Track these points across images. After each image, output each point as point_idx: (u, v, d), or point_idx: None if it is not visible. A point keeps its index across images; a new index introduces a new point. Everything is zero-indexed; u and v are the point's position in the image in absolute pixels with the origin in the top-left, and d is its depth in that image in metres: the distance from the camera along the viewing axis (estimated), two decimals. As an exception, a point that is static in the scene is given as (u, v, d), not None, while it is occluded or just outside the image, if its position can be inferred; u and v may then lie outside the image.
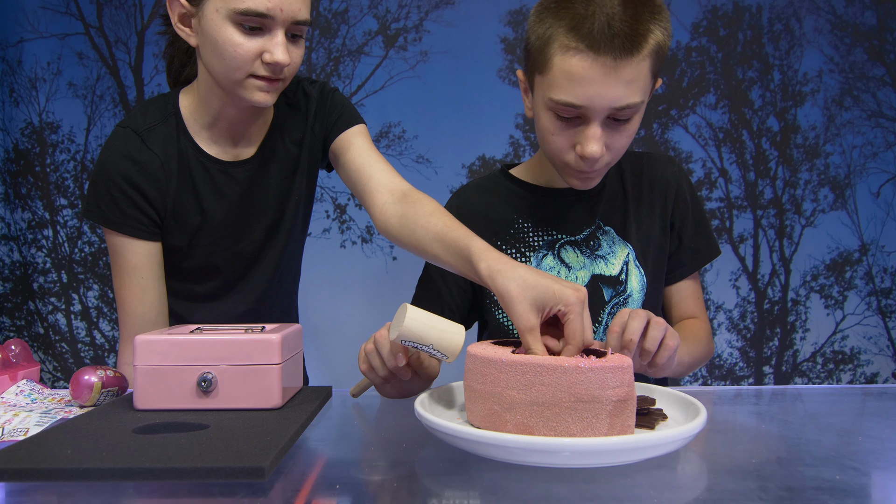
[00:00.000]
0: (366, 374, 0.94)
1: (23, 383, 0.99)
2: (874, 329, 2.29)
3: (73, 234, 2.23)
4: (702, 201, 1.26)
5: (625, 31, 0.94)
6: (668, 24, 1.00)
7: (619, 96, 0.96)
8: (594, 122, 0.99)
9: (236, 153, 1.20)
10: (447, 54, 2.22)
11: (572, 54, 0.95)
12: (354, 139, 1.20)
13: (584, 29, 0.94)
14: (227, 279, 1.24)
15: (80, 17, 2.20)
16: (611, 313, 1.14)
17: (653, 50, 0.97)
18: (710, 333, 1.21)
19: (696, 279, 1.25)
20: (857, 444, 0.82)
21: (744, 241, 2.28)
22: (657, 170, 1.21)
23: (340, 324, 2.20)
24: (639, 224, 1.18)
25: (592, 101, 0.96)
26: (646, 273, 1.16)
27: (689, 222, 1.21)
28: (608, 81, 0.95)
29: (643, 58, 0.96)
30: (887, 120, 2.26)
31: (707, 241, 1.23)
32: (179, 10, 1.07)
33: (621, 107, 0.97)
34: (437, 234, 0.98)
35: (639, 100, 0.98)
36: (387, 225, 1.07)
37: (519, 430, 0.70)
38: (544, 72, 1.00)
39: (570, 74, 0.96)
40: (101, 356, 2.24)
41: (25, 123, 2.20)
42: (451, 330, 0.82)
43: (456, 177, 2.23)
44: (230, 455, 0.67)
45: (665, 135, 2.26)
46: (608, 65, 0.94)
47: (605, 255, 1.16)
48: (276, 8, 1.01)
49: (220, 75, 1.06)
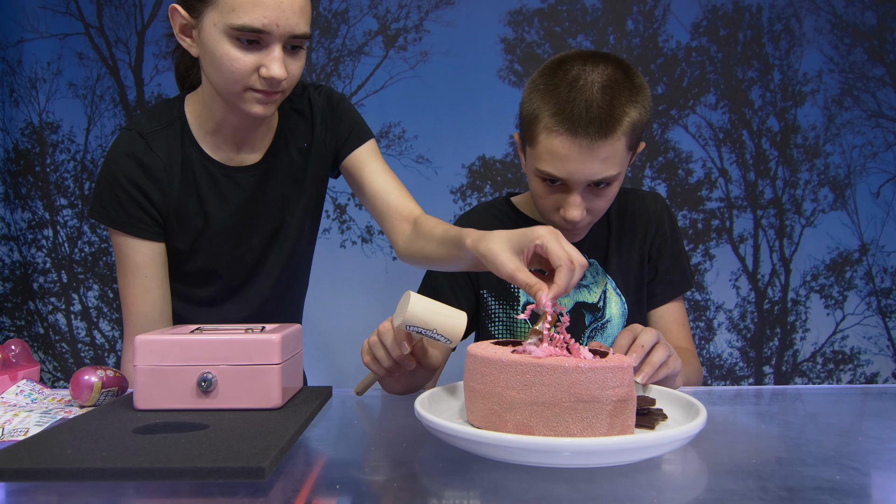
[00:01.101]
0: (369, 366, 0.95)
1: (23, 383, 0.99)
2: (874, 329, 2.29)
3: (73, 234, 2.23)
4: (682, 239, 1.36)
5: (601, 117, 1.06)
6: (646, 101, 1.12)
7: (595, 171, 1.08)
8: (575, 192, 1.11)
9: (241, 158, 1.20)
10: (447, 54, 2.22)
11: (554, 136, 1.08)
12: (370, 160, 1.25)
13: (565, 113, 1.07)
14: (229, 284, 1.24)
15: (80, 17, 2.20)
16: (590, 336, 1.25)
17: (628, 129, 1.09)
18: (698, 362, 1.27)
19: (681, 308, 1.32)
20: (857, 444, 0.82)
21: (744, 241, 2.28)
22: (641, 205, 1.31)
23: (340, 324, 2.19)
24: (619, 256, 1.28)
25: (572, 176, 1.09)
26: (627, 301, 1.26)
27: (665, 255, 1.30)
28: (585, 160, 1.07)
29: (618, 138, 1.08)
30: (887, 120, 2.26)
31: (682, 275, 1.31)
32: (180, 22, 1.08)
33: (598, 180, 1.10)
34: (437, 237, 1.07)
35: (615, 172, 1.10)
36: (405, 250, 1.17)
37: (519, 430, 0.70)
38: (532, 145, 1.13)
39: (553, 152, 1.09)
40: (101, 356, 2.24)
41: (25, 123, 2.20)
42: (454, 315, 0.85)
43: (456, 177, 2.23)
44: (230, 455, 0.67)
45: (665, 135, 2.26)
46: (585, 146, 1.06)
47: (588, 284, 1.26)
48: (273, 24, 1.01)
49: (220, 87, 1.08)
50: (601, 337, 1.25)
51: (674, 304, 1.30)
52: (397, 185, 1.22)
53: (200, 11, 1.04)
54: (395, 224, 1.19)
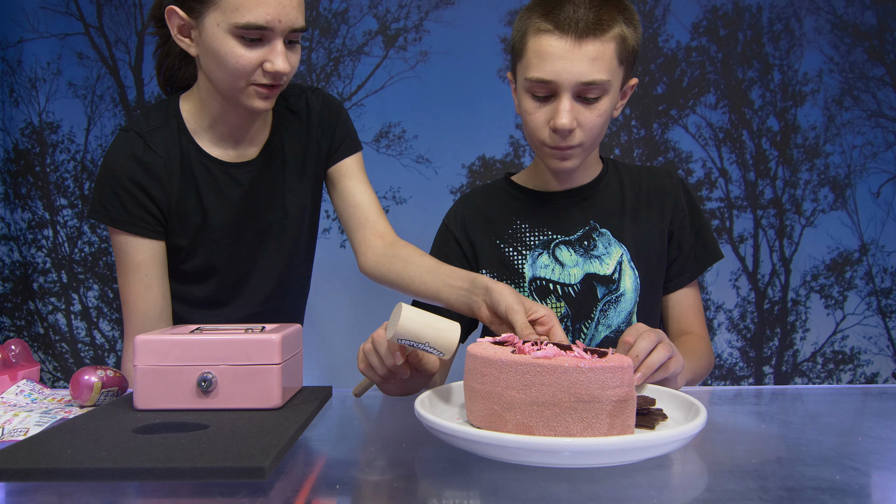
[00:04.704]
0: (365, 374, 0.96)
1: (23, 383, 0.99)
2: (874, 329, 2.29)
3: (73, 234, 2.23)
4: (702, 211, 1.32)
5: (589, 17, 1.08)
6: (635, 23, 1.14)
7: (583, 71, 1.08)
8: (564, 96, 1.10)
9: (237, 154, 1.22)
10: (447, 54, 2.22)
11: (542, 35, 1.10)
12: (356, 171, 1.29)
13: (553, 14, 1.09)
14: (227, 282, 1.24)
15: (80, 17, 2.20)
16: (602, 310, 1.20)
17: (617, 35, 1.10)
18: (711, 348, 1.25)
19: (697, 293, 1.29)
20: (857, 444, 0.82)
21: (744, 241, 2.28)
22: (655, 181, 1.28)
23: (340, 324, 2.20)
24: (635, 227, 1.24)
25: (560, 76, 1.09)
26: (640, 275, 1.22)
27: (687, 231, 1.27)
28: (573, 57, 1.08)
29: (606, 40, 1.09)
30: (887, 120, 2.26)
31: (706, 248, 1.28)
32: (178, 23, 1.11)
33: (587, 82, 1.09)
34: (429, 267, 1.12)
35: (604, 77, 1.09)
36: (376, 262, 1.21)
37: (519, 430, 0.70)
38: (522, 57, 1.14)
39: (540, 53, 1.10)
40: (101, 356, 2.24)
41: (25, 123, 2.20)
42: (446, 327, 0.84)
43: (456, 177, 2.23)
44: (230, 455, 0.67)
45: (665, 135, 2.26)
46: (572, 41, 1.08)
47: (601, 255, 1.22)
48: (275, 20, 1.05)
49: (222, 84, 1.10)
50: (614, 312, 1.21)
51: (690, 289, 1.28)
52: (376, 202, 1.27)
53: (201, 12, 1.07)
54: (367, 237, 1.23)
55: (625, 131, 2.26)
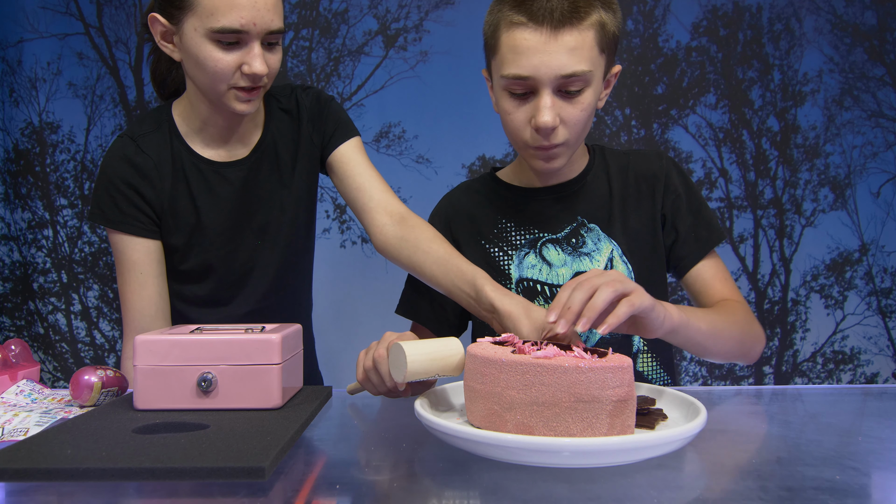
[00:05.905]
0: (363, 385, 0.96)
1: (23, 383, 0.99)
2: (874, 329, 2.29)
3: (73, 234, 2.23)
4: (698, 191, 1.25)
5: (564, 5, 1.01)
6: (614, 7, 1.06)
7: (563, 63, 1.01)
8: (544, 92, 1.03)
9: (229, 154, 1.24)
10: (447, 54, 2.22)
11: (515, 29, 1.02)
12: (353, 154, 1.26)
13: (526, 5, 1.02)
14: (224, 281, 1.25)
15: (80, 17, 2.20)
16: None
17: (596, 22, 1.03)
18: (748, 311, 1.15)
19: (716, 262, 1.20)
20: (857, 444, 0.82)
21: (744, 241, 2.28)
22: (644, 165, 1.22)
23: (340, 324, 2.19)
24: (624, 220, 1.19)
25: (538, 71, 1.01)
26: (633, 268, 1.17)
27: (683, 213, 1.19)
28: (550, 49, 1.01)
29: (584, 28, 1.02)
30: (887, 120, 2.26)
31: (708, 228, 1.20)
32: (161, 29, 1.14)
33: (567, 74, 1.01)
34: (438, 258, 1.10)
35: (585, 68, 1.02)
36: (386, 245, 1.18)
37: (519, 430, 0.70)
38: (495, 53, 1.07)
39: (515, 48, 1.02)
40: (101, 356, 2.24)
41: (25, 123, 2.20)
42: (450, 352, 0.83)
43: (456, 177, 2.23)
44: (230, 455, 0.67)
45: (665, 135, 2.26)
46: (548, 33, 1.00)
47: (590, 252, 1.17)
48: (250, 23, 1.07)
49: (205, 87, 1.14)
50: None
51: (707, 260, 1.19)
52: (382, 181, 1.24)
53: (180, 18, 1.10)
54: (375, 217, 1.20)
55: (625, 131, 2.26)
